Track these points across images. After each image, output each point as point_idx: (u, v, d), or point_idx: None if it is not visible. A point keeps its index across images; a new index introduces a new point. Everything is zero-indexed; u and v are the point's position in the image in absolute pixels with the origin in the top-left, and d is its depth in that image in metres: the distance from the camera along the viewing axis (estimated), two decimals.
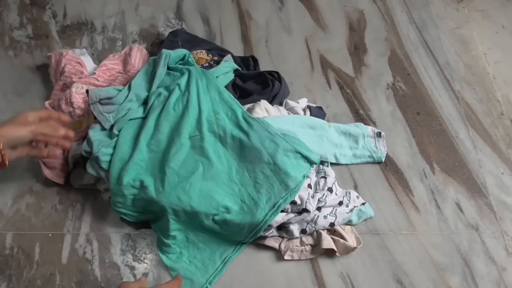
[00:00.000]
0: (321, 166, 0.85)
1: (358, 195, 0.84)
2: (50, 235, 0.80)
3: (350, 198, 0.82)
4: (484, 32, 1.11)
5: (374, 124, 0.94)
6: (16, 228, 0.81)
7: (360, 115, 0.96)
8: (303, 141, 0.81)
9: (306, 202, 0.75)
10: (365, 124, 0.94)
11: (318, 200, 0.78)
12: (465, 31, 1.11)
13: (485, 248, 0.80)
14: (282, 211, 0.76)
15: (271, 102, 0.89)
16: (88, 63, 0.98)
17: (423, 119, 0.96)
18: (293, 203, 0.75)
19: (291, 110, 0.90)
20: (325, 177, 0.81)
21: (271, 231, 0.76)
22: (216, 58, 0.99)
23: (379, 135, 0.90)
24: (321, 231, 0.78)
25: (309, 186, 0.79)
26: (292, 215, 0.76)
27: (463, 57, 1.06)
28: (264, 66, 1.00)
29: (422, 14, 1.13)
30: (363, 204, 0.82)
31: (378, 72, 1.03)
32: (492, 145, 0.93)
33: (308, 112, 0.91)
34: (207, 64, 0.97)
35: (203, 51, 1.00)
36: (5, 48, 1.05)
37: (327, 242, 0.76)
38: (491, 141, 0.93)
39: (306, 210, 0.75)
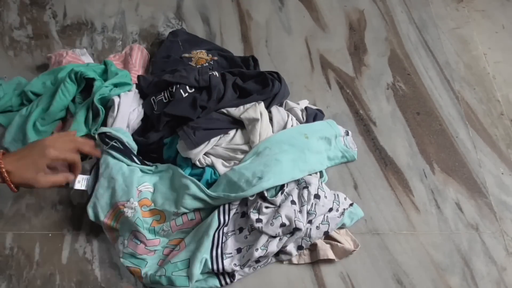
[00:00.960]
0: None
1: (345, 196, 0.82)
2: (50, 235, 0.80)
3: (339, 201, 0.80)
4: (484, 32, 1.11)
5: (374, 124, 0.94)
6: (16, 228, 0.81)
7: (360, 115, 0.96)
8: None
9: (294, 220, 0.73)
10: (365, 124, 0.94)
11: (308, 213, 0.76)
12: (465, 31, 1.11)
13: (485, 248, 0.80)
14: (274, 237, 0.74)
15: (271, 102, 0.88)
16: (90, 62, 0.98)
17: (423, 119, 0.96)
18: (282, 225, 0.73)
19: (290, 110, 0.90)
20: (307, 187, 0.78)
21: (269, 260, 0.76)
22: (216, 58, 0.99)
23: (347, 133, 0.89)
24: (319, 240, 0.77)
25: (293, 202, 0.76)
26: (285, 238, 0.74)
27: (463, 57, 1.06)
28: (264, 66, 1.00)
29: (422, 14, 1.13)
30: (351, 205, 0.81)
31: (378, 72, 1.03)
32: (492, 145, 0.93)
33: (304, 113, 0.90)
34: (206, 64, 0.97)
35: (203, 51, 1.00)
36: (5, 48, 1.05)
37: (323, 252, 0.76)
38: (491, 141, 0.93)
39: (297, 229, 0.73)
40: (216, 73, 0.90)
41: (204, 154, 0.82)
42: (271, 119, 0.87)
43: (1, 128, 0.90)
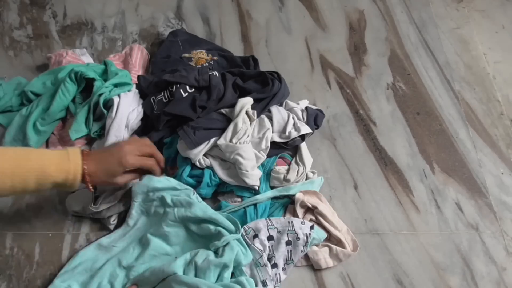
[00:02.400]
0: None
1: (302, 220, 0.76)
2: (50, 235, 0.80)
3: (294, 229, 0.74)
4: (484, 32, 1.11)
5: (374, 124, 0.94)
6: (16, 228, 0.81)
7: (360, 115, 0.96)
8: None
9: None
10: (365, 124, 0.94)
11: (268, 259, 0.73)
12: (465, 31, 1.11)
13: (485, 248, 0.80)
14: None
15: (270, 101, 0.88)
16: (90, 62, 0.98)
17: (423, 119, 0.96)
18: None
19: (290, 110, 0.90)
20: (257, 235, 0.75)
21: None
22: (216, 58, 0.99)
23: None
24: (313, 248, 0.76)
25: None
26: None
27: (463, 57, 1.06)
28: (264, 66, 0.99)
29: (422, 14, 1.13)
30: (311, 227, 0.75)
31: (378, 72, 1.03)
32: (492, 145, 0.93)
33: (305, 113, 0.90)
34: (206, 64, 0.97)
35: (203, 51, 1.00)
36: (5, 48, 1.05)
37: (315, 264, 0.76)
38: (491, 141, 0.93)
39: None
40: (216, 73, 0.90)
41: (204, 155, 0.82)
42: (271, 119, 0.87)
43: (1, 128, 0.90)
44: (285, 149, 0.86)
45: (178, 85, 0.88)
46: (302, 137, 0.86)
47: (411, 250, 0.80)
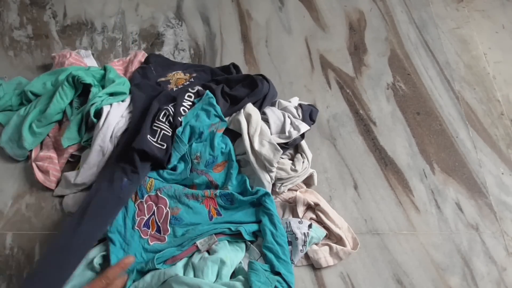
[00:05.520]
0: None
1: (300, 220, 0.77)
2: (50, 235, 0.80)
3: (292, 230, 0.75)
4: (484, 32, 1.11)
5: (374, 124, 0.95)
6: (16, 228, 0.81)
7: (360, 115, 0.96)
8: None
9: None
10: (365, 124, 0.94)
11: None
12: (465, 31, 1.11)
13: (485, 248, 0.80)
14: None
15: (262, 103, 0.87)
16: (92, 65, 0.98)
17: (423, 119, 0.96)
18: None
19: (284, 109, 0.90)
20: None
21: None
22: (194, 74, 0.96)
23: None
24: (312, 247, 0.76)
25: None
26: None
27: (463, 57, 1.06)
28: (264, 66, 1.00)
29: (422, 14, 1.13)
30: (310, 226, 0.76)
31: (378, 72, 1.03)
32: (492, 145, 0.93)
33: (300, 110, 0.90)
34: (188, 83, 0.94)
35: (179, 72, 0.97)
36: (5, 48, 1.05)
37: (315, 263, 0.76)
38: (491, 141, 0.93)
39: None
40: (200, 88, 0.88)
41: None
42: (267, 121, 0.86)
43: (1, 127, 0.90)
44: (286, 148, 0.86)
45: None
46: (302, 135, 0.86)
47: (411, 250, 0.80)
